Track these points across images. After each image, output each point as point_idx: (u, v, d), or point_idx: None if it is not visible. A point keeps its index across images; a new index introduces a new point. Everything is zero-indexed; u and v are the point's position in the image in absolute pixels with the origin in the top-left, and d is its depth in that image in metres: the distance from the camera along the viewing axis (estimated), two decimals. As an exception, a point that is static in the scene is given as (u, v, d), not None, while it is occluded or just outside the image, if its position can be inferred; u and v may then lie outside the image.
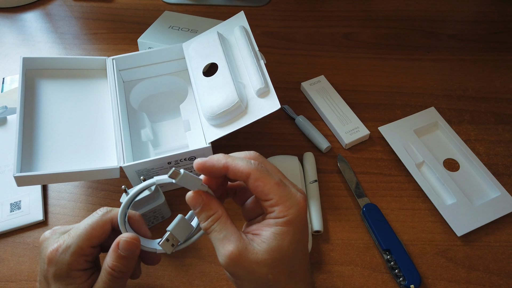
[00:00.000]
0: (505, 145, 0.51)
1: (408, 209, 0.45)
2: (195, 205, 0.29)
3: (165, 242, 0.31)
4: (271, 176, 0.28)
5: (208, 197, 0.29)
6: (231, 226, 0.28)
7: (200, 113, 0.46)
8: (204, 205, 0.29)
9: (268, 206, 0.28)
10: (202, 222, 0.29)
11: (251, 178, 0.27)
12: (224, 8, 0.71)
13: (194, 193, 0.29)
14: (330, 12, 0.70)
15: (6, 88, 0.60)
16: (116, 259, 0.30)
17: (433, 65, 0.61)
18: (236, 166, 0.28)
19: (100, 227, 0.32)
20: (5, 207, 0.46)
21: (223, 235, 0.28)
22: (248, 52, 0.45)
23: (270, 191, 0.27)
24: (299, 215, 0.28)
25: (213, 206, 0.29)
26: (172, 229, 0.31)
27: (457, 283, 0.40)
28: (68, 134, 0.45)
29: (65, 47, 0.66)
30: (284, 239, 0.27)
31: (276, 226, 0.27)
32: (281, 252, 0.27)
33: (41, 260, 0.32)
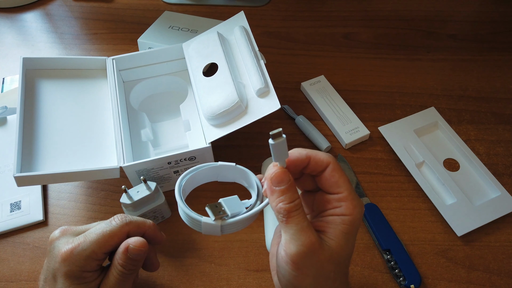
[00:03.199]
0: (505, 145, 0.51)
1: (408, 209, 0.45)
2: (282, 181, 0.27)
3: (213, 206, 0.29)
4: (343, 172, 0.28)
5: (292, 178, 0.28)
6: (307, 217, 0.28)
7: (200, 113, 0.46)
8: (291, 184, 0.27)
9: (335, 200, 0.28)
10: (285, 203, 0.27)
11: (330, 168, 0.28)
12: (224, 8, 0.71)
13: (283, 168, 0.27)
14: (330, 12, 0.70)
15: (6, 88, 0.60)
16: (126, 260, 0.32)
17: (433, 65, 0.61)
18: (317, 155, 0.28)
19: (117, 237, 0.32)
20: (5, 207, 0.46)
21: (306, 224, 0.26)
22: (248, 52, 0.45)
23: (343, 184, 0.27)
24: (361, 218, 0.28)
25: (297, 191, 0.28)
26: (224, 200, 0.29)
27: (457, 283, 0.40)
28: (68, 134, 0.45)
29: (65, 47, 0.66)
30: (349, 239, 0.27)
31: (343, 225, 0.27)
32: (346, 251, 0.27)
33: (52, 257, 0.32)
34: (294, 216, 0.26)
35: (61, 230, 0.33)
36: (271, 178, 0.27)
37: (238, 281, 0.41)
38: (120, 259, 0.32)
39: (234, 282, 0.41)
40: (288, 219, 0.26)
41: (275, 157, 0.27)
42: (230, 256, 0.42)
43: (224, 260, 0.42)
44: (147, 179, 0.44)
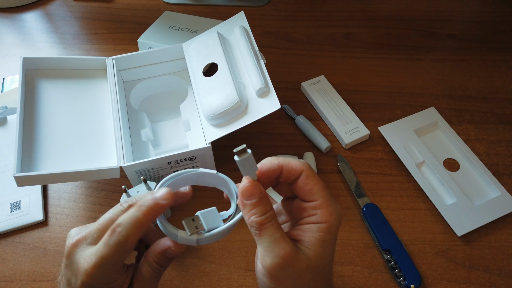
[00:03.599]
0: (505, 145, 0.51)
1: (408, 209, 0.45)
2: (253, 195, 0.27)
3: (189, 220, 0.29)
4: (319, 178, 0.28)
5: (264, 190, 0.28)
6: (281, 227, 0.27)
7: (200, 113, 0.46)
8: (263, 196, 0.27)
9: (310, 207, 0.27)
10: (256, 216, 0.27)
11: (303, 175, 0.27)
12: (224, 8, 0.71)
13: (253, 182, 0.27)
14: (330, 12, 0.70)
15: (6, 88, 0.60)
16: (163, 259, 0.31)
17: (433, 65, 0.61)
18: (290, 163, 0.28)
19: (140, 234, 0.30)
20: (5, 207, 0.46)
21: (280, 235, 0.26)
22: (248, 52, 0.45)
23: (317, 191, 0.27)
24: (338, 224, 0.27)
25: (269, 201, 0.27)
26: (202, 213, 0.29)
27: (457, 283, 0.40)
28: (68, 134, 0.45)
29: (65, 47, 0.66)
30: (327, 247, 0.27)
31: (319, 233, 0.27)
32: (324, 259, 0.27)
33: (73, 274, 0.29)
34: (267, 228, 0.26)
35: (76, 241, 0.29)
36: (241, 192, 0.27)
37: (238, 281, 0.41)
38: (156, 257, 0.31)
39: (234, 282, 0.41)
40: (260, 232, 0.26)
41: (243, 171, 0.27)
42: (230, 256, 0.42)
43: (224, 260, 0.42)
44: (147, 179, 0.44)
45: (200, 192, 0.47)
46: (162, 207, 0.29)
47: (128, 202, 0.30)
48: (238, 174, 0.32)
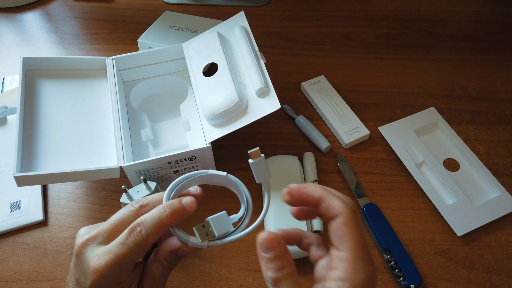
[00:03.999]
0: (505, 145, 0.51)
1: (408, 209, 0.45)
2: (269, 249, 0.25)
3: (200, 226, 0.28)
4: (359, 231, 0.25)
5: (284, 243, 0.26)
6: (301, 284, 0.25)
7: (200, 113, 0.46)
8: (281, 252, 0.25)
9: (336, 258, 0.25)
10: (271, 272, 0.25)
11: (340, 219, 0.25)
12: (224, 8, 0.71)
13: (271, 236, 0.25)
14: (330, 12, 0.70)
15: (6, 88, 0.60)
16: (173, 257, 0.31)
17: (433, 65, 0.61)
18: (331, 199, 0.25)
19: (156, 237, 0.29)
20: (5, 207, 0.46)
21: None
22: (248, 52, 0.45)
23: (348, 242, 0.24)
24: (364, 284, 0.24)
25: (288, 255, 0.25)
26: (212, 219, 0.28)
27: (457, 283, 0.40)
28: (68, 134, 0.45)
29: (65, 47, 0.66)
30: None
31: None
32: None
33: (82, 274, 0.29)
34: (282, 285, 0.24)
35: (86, 240, 0.29)
36: (259, 243, 0.26)
37: (238, 281, 0.41)
38: (166, 256, 0.31)
39: (234, 282, 0.41)
40: (273, 286, 0.25)
41: (257, 177, 0.26)
42: (230, 256, 0.42)
43: (224, 260, 0.42)
44: (147, 179, 0.44)
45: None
46: (187, 214, 0.29)
47: (139, 202, 0.30)
48: (239, 174, 0.32)
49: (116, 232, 0.29)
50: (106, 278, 0.28)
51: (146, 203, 0.30)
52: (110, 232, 0.29)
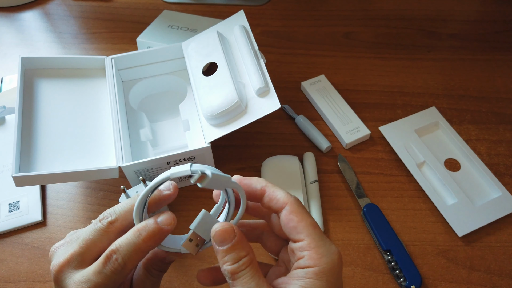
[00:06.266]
0: (506, 145, 0.51)
1: (409, 209, 0.45)
2: (225, 241, 0.24)
3: (187, 242, 0.27)
4: (308, 215, 0.24)
5: (240, 233, 0.25)
6: (261, 274, 0.24)
7: (199, 113, 0.46)
8: (236, 242, 0.24)
9: (297, 249, 0.24)
10: (229, 264, 0.24)
11: (286, 209, 0.24)
12: (224, 7, 0.71)
13: (225, 227, 0.24)
14: (330, 11, 0.70)
15: (5, 87, 0.60)
16: (162, 265, 0.30)
17: (434, 65, 0.61)
18: (274, 192, 0.25)
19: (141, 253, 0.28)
20: (3, 207, 0.46)
21: (254, 285, 0.23)
22: (248, 52, 0.45)
23: (303, 229, 0.24)
24: (333, 268, 0.23)
25: (246, 245, 0.24)
26: (195, 227, 0.26)
27: (458, 283, 0.40)
28: (67, 134, 0.45)
29: (64, 47, 0.66)
30: None
31: (306, 279, 0.23)
32: None
33: None
34: (240, 277, 0.23)
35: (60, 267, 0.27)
36: (213, 236, 0.24)
37: (237, 282, 0.40)
38: (155, 264, 0.30)
39: (233, 283, 0.40)
40: (233, 281, 0.23)
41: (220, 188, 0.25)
42: (230, 256, 0.42)
43: (223, 261, 0.42)
44: (146, 179, 0.44)
45: (200, 192, 0.47)
46: (165, 233, 0.27)
47: (107, 218, 0.27)
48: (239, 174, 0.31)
49: (89, 254, 0.27)
50: None
51: (114, 219, 0.27)
52: (82, 256, 0.27)
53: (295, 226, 0.24)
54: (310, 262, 0.23)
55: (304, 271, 0.23)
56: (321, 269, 0.23)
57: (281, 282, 0.24)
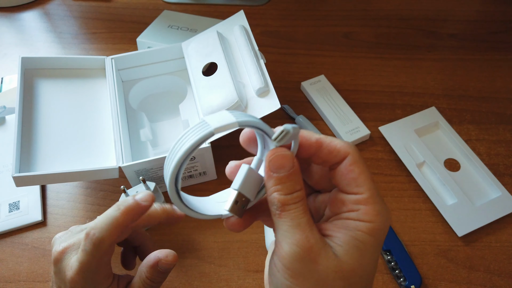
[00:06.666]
0: (506, 145, 0.51)
1: (409, 209, 0.45)
2: (282, 167, 0.21)
3: (233, 206, 0.23)
4: (367, 167, 0.22)
5: (298, 165, 0.22)
6: (310, 213, 0.22)
7: (199, 113, 0.46)
8: (294, 172, 0.21)
9: (352, 201, 0.22)
10: (282, 193, 0.21)
11: (349, 160, 0.22)
12: (224, 7, 0.71)
13: (285, 152, 0.21)
14: (330, 11, 0.70)
15: (5, 87, 0.60)
16: (155, 273, 0.30)
17: (434, 65, 0.61)
18: (332, 142, 0.22)
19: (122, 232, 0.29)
20: (3, 207, 0.46)
21: (305, 221, 0.21)
22: (248, 52, 0.45)
23: (364, 182, 0.21)
24: (385, 229, 0.21)
25: (300, 180, 0.22)
26: (241, 187, 0.23)
27: (457, 283, 0.40)
28: (67, 134, 0.45)
29: (64, 47, 0.66)
30: (366, 252, 0.21)
31: (357, 231, 0.21)
32: (361, 266, 0.21)
33: (62, 282, 0.29)
34: (291, 210, 0.21)
35: (63, 249, 0.29)
36: (269, 160, 0.22)
37: (237, 282, 0.40)
38: (148, 273, 0.30)
39: (233, 283, 0.40)
40: (281, 213, 0.21)
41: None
42: (230, 256, 0.42)
43: (223, 261, 0.42)
44: (146, 179, 0.44)
45: (200, 192, 0.47)
46: (142, 209, 0.28)
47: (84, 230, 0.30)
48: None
49: None
50: (81, 285, 0.28)
51: (88, 231, 0.28)
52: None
53: (355, 178, 0.21)
54: (365, 217, 0.21)
55: (356, 224, 0.21)
56: (375, 227, 0.21)
57: (325, 228, 0.22)
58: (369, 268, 0.21)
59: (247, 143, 0.24)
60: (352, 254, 0.21)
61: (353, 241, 0.21)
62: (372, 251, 0.21)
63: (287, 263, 0.21)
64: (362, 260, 0.21)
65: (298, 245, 0.20)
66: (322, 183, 0.25)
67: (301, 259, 0.20)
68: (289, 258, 0.20)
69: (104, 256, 0.28)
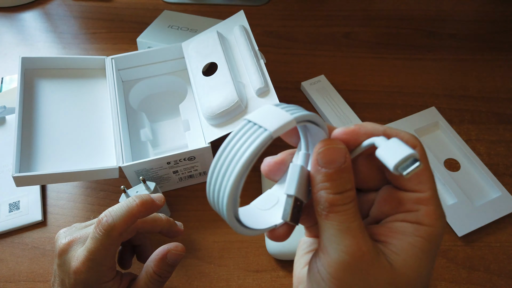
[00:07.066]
0: (506, 145, 0.51)
1: (409, 209, 0.45)
2: (332, 162, 0.19)
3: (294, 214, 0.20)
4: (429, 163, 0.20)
5: (350, 160, 0.19)
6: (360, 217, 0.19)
7: (199, 113, 0.46)
8: (346, 168, 0.19)
9: (411, 200, 0.19)
10: (330, 192, 0.18)
11: None
12: (224, 7, 0.71)
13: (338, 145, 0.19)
14: (330, 12, 0.70)
15: (5, 87, 0.60)
16: (163, 267, 0.31)
17: (434, 65, 0.61)
18: (398, 134, 0.19)
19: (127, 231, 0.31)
20: (3, 207, 0.46)
21: (356, 225, 0.18)
22: (248, 52, 0.45)
23: (428, 180, 0.19)
24: (442, 236, 0.19)
25: (352, 177, 0.19)
26: (297, 191, 0.20)
27: (457, 283, 0.40)
28: (67, 134, 0.45)
29: (64, 47, 0.66)
30: (424, 260, 0.19)
31: (416, 237, 0.18)
32: (418, 276, 0.18)
33: (66, 273, 0.29)
34: (340, 212, 0.18)
35: (69, 241, 0.30)
36: (317, 153, 0.19)
37: (237, 282, 0.40)
38: (155, 266, 0.30)
39: (233, 283, 0.40)
40: (329, 214, 0.18)
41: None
42: (230, 256, 0.42)
43: (223, 261, 0.42)
44: (146, 179, 0.44)
45: (200, 192, 0.47)
46: (155, 206, 0.30)
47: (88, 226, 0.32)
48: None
49: None
50: (86, 276, 0.28)
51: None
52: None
53: (418, 174, 0.19)
54: (426, 220, 0.19)
55: (415, 228, 0.19)
56: (435, 231, 0.19)
57: (377, 232, 0.20)
58: (425, 280, 0.19)
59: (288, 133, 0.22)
60: (410, 265, 0.18)
61: (412, 249, 0.18)
62: (430, 261, 0.19)
63: (333, 272, 0.18)
64: (421, 271, 0.18)
65: (347, 253, 0.18)
66: (369, 181, 0.21)
67: (350, 269, 0.18)
68: (337, 266, 0.18)
69: (112, 246, 0.29)
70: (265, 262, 0.42)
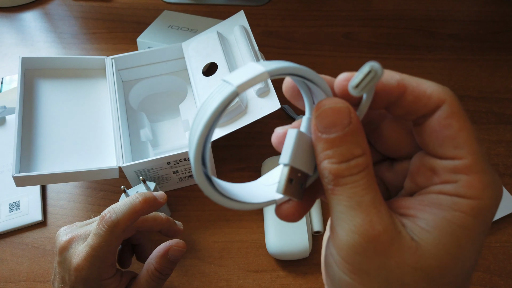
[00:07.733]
0: (506, 145, 0.51)
1: (409, 210, 0.45)
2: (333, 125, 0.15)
3: (287, 185, 0.17)
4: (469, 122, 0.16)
5: (357, 119, 0.16)
6: (378, 189, 0.16)
7: (199, 113, 0.46)
8: (351, 131, 0.15)
9: (448, 170, 0.15)
10: (333, 161, 0.15)
11: (444, 110, 0.15)
12: (224, 8, 0.71)
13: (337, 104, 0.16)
14: (330, 12, 0.70)
15: (5, 87, 0.60)
16: (165, 263, 0.31)
17: (434, 65, 0.61)
18: (420, 86, 0.16)
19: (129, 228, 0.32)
20: (4, 207, 0.46)
21: (369, 199, 0.15)
22: (248, 52, 0.45)
23: (465, 143, 0.15)
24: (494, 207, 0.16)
25: (362, 140, 0.16)
26: (292, 160, 0.17)
27: (458, 284, 0.40)
28: (67, 134, 0.45)
29: (64, 47, 0.66)
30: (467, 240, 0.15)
31: (455, 212, 0.15)
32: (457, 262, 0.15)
33: (66, 270, 0.30)
34: (348, 184, 0.15)
35: (70, 238, 0.30)
36: (316, 116, 0.16)
37: (237, 282, 0.40)
38: (157, 263, 0.30)
39: (233, 283, 0.40)
40: (335, 188, 0.15)
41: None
42: (230, 256, 0.42)
43: (223, 261, 0.42)
44: (146, 179, 0.44)
45: (200, 192, 0.47)
46: (158, 204, 0.31)
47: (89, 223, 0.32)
48: (239, 174, 0.31)
49: None
50: (87, 272, 0.28)
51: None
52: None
53: (453, 136, 0.15)
54: (468, 191, 0.15)
55: (453, 200, 0.15)
56: (481, 205, 0.15)
57: (405, 205, 0.16)
58: (468, 264, 0.15)
59: (292, 94, 0.19)
60: (444, 246, 0.14)
61: (449, 226, 0.15)
62: (474, 240, 0.15)
63: (345, 256, 0.15)
64: (459, 253, 0.15)
65: (357, 233, 0.15)
66: (399, 148, 0.18)
67: (364, 252, 0.15)
68: (347, 249, 0.15)
69: (115, 242, 0.29)
70: (265, 262, 0.42)
